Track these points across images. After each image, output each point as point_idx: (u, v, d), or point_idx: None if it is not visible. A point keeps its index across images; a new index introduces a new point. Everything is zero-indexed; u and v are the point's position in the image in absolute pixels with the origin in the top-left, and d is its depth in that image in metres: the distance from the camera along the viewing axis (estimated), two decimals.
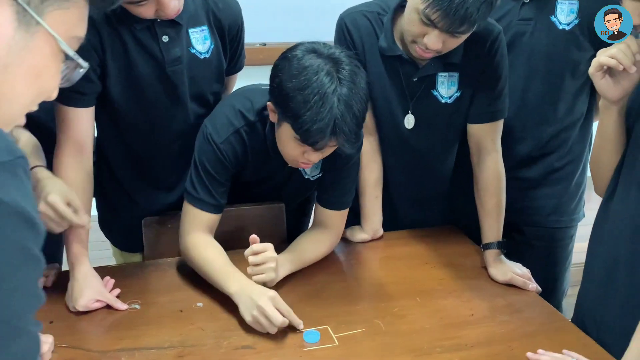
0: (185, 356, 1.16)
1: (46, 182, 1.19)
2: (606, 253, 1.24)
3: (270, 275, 1.29)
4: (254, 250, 1.28)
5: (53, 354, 1.14)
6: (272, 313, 1.19)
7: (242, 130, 1.37)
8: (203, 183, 1.37)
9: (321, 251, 1.48)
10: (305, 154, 1.26)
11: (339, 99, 1.18)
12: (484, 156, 1.53)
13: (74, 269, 1.30)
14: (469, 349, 1.20)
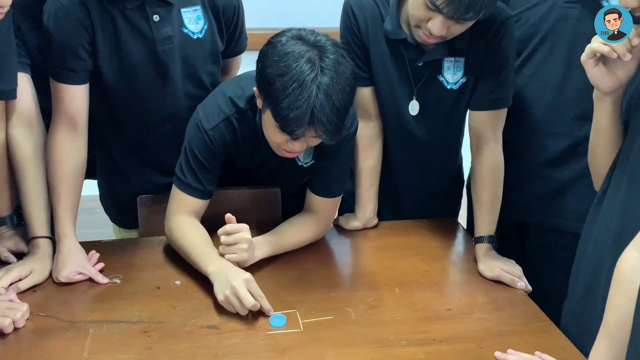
0: (149, 332, 1.18)
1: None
2: (592, 255, 1.16)
3: (242, 256, 1.29)
4: (226, 230, 1.28)
5: (27, 321, 1.19)
6: (244, 294, 1.19)
7: (233, 117, 1.37)
8: (191, 169, 1.39)
9: (304, 236, 1.46)
10: (288, 142, 1.25)
11: (319, 88, 1.16)
12: (483, 146, 1.47)
13: (60, 242, 1.35)
14: (435, 344, 1.16)
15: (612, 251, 1.08)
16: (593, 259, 1.16)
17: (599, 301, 1.11)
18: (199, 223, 1.41)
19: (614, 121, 1.14)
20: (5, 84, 1.27)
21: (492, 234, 1.44)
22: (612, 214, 1.11)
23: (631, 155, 1.09)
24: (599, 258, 1.13)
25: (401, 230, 1.61)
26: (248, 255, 1.30)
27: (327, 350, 1.13)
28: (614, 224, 1.10)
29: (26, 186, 1.34)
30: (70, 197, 1.37)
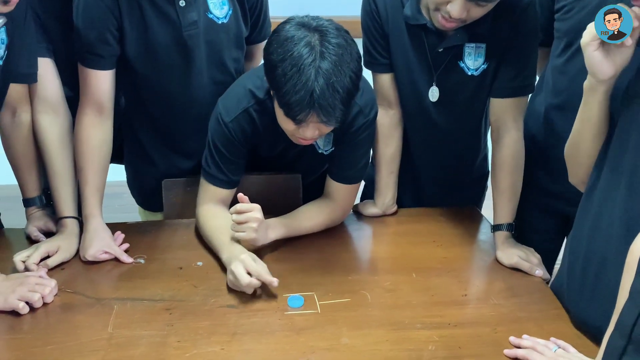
0: (171, 309, 1.22)
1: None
2: (592, 250, 1.14)
3: (251, 235, 1.31)
4: (237, 209, 1.31)
5: (55, 296, 1.24)
6: (239, 274, 1.22)
7: (251, 109, 1.39)
8: (214, 160, 1.42)
9: (320, 221, 1.48)
10: (299, 129, 1.27)
11: (318, 72, 1.17)
12: (503, 133, 1.46)
13: (87, 222, 1.39)
14: (450, 328, 1.17)
15: (619, 246, 1.07)
16: (593, 254, 1.14)
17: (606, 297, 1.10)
18: (223, 211, 1.44)
19: (603, 111, 1.11)
20: (25, 68, 1.31)
21: (510, 221, 1.44)
22: (612, 209, 1.09)
23: (629, 148, 1.07)
24: (603, 253, 1.11)
25: (420, 217, 1.61)
26: (258, 235, 1.32)
27: (342, 331, 1.15)
28: (616, 219, 1.08)
29: (53, 169, 1.39)
30: (97, 179, 1.41)
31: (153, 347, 1.11)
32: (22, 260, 1.30)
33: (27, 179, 1.44)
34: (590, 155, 1.17)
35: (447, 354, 1.10)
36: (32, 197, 1.46)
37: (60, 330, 1.15)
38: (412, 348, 1.11)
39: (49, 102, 1.39)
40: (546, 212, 1.55)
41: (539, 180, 1.52)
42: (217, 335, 1.14)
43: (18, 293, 1.18)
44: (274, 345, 1.12)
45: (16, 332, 1.14)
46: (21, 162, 1.42)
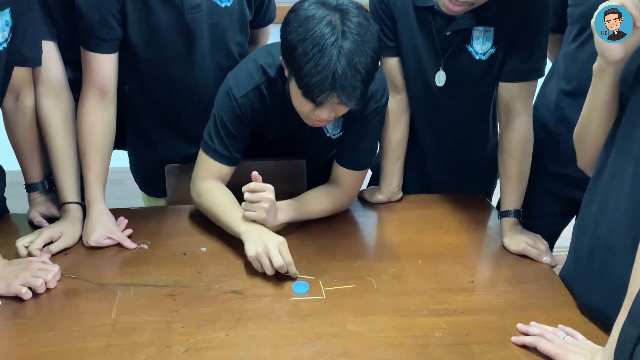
0: (175, 295, 1.21)
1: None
2: (597, 236, 1.12)
3: (261, 215, 1.29)
4: (250, 187, 1.29)
5: (58, 282, 1.23)
6: (275, 254, 1.21)
7: (262, 86, 1.37)
8: (219, 135, 1.40)
9: (327, 206, 1.46)
10: (315, 111, 1.25)
11: (340, 52, 1.15)
12: (513, 118, 1.43)
13: (90, 207, 1.38)
14: (457, 315, 1.16)
15: (625, 231, 1.05)
16: (599, 241, 1.12)
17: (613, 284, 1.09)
18: (225, 186, 1.43)
19: (612, 95, 1.09)
20: (29, 51, 1.29)
21: (518, 208, 1.43)
22: (621, 195, 1.07)
23: (637, 132, 1.05)
24: (610, 240, 1.09)
25: (426, 204, 1.60)
26: (268, 216, 1.30)
27: (348, 318, 1.14)
28: (623, 205, 1.06)
29: (56, 154, 1.38)
30: (100, 164, 1.40)
31: (157, 332, 1.10)
32: (25, 245, 1.29)
33: (30, 164, 1.43)
34: (598, 139, 1.15)
35: (453, 341, 1.09)
36: (35, 183, 1.44)
37: (63, 316, 1.14)
38: (419, 335, 1.10)
39: (52, 86, 1.37)
40: (555, 197, 1.54)
41: (549, 166, 1.50)
42: (222, 321, 1.13)
43: (21, 278, 1.17)
44: (279, 331, 1.11)
45: (19, 318, 1.14)
46: (24, 147, 1.41)
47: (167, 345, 1.06)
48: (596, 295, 1.13)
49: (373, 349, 1.07)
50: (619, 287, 1.04)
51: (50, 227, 1.34)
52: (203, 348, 1.06)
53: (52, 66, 1.36)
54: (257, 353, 1.05)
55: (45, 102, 1.36)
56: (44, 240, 1.30)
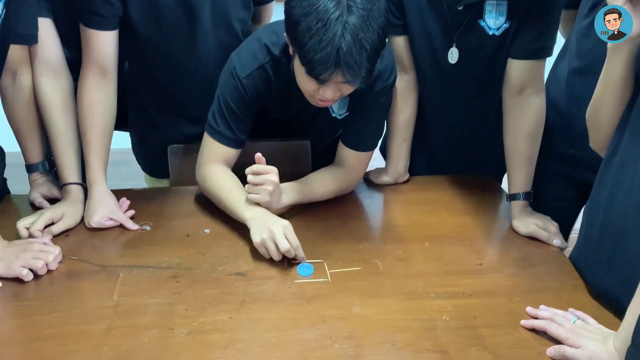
0: (178, 277, 1.19)
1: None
2: (609, 218, 1.09)
3: (264, 198, 1.26)
4: (254, 170, 1.26)
5: (60, 264, 1.21)
6: (281, 239, 1.19)
7: (267, 65, 1.34)
8: (223, 117, 1.37)
9: (332, 187, 1.44)
10: (319, 89, 1.21)
11: (345, 27, 1.11)
12: (526, 98, 1.38)
13: (91, 188, 1.36)
14: (465, 297, 1.14)
15: (637, 213, 1.03)
16: (611, 222, 1.09)
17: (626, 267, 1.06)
18: (230, 171, 1.40)
19: (627, 74, 1.06)
20: (25, 28, 1.26)
21: (527, 190, 1.39)
22: (634, 175, 1.04)
23: None
24: (622, 222, 1.06)
25: (432, 186, 1.57)
26: (272, 199, 1.28)
27: (353, 300, 1.12)
28: (637, 186, 1.03)
29: (56, 134, 1.35)
30: (101, 144, 1.37)
31: (160, 315, 1.08)
32: (26, 226, 1.27)
33: (30, 144, 1.41)
34: (611, 119, 1.12)
35: (461, 324, 1.07)
36: (35, 163, 1.42)
37: (65, 298, 1.12)
38: (426, 318, 1.08)
39: (50, 64, 1.34)
40: (565, 179, 1.50)
41: (559, 147, 1.47)
42: (226, 304, 1.11)
43: (22, 260, 1.16)
44: (283, 314, 1.09)
45: (20, 300, 1.12)
46: (23, 127, 1.38)
47: (170, 328, 1.04)
48: (608, 278, 1.10)
49: (379, 332, 1.05)
50: (631, 270, 1.01)
51: (52, 209, 1.32)
52: (206, 330, 1.04)
53: (49, 44, 1.32)
54: (261, 335, 1.03)
55: (43, 81, 1.33)
56: (45, 222, 1.28)
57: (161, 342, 1.01)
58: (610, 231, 1.09)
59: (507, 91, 1.42)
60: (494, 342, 1.02)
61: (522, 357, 0.99)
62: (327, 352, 0.99)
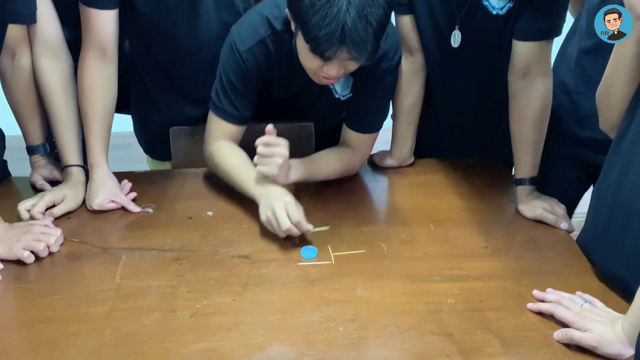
0: (181, 259, 1.18)
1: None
2: (619, 200, 1.07)
3: (273, 170, 1.24)
4: (264, 141, 1.24)
5: (61, 246, 1.20)
6: (281, 217, 1.18)
7: (268, 39, 1.31)
8: (226, 93, 1.35)
9: (337, 168, 1.41)
10: (323, 67, 1.19)
11: (350, 2, 1.08)
12: (534, 81, 1.34)
13: (93, 171, 1.35)
14: (471, 281, 1.12)
15: None
16: (620, 205, 1.07)
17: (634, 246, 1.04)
18: (237, 147, 1.38)
19: (639, 53, 1.03)
20: (24, 7, 1.24)
21: (534, 175, 1.37)
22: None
23: None
24: (631, 203, 1.04)
25: (437, 168, 1.55)
26: (280, 172, 1.25)
27: (357, 283, 1.11)
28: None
29: (56, 115, 1.34)
30: (102, 126, 1.35)
31: (162, 297, 1.07)
32: (27, 209, 1.26)
33: (30, 125, 1.39)
34: (622, 99, 1.09)
35: (467, 307, 1.05)
36: (36, 145, 1.41)
37: (67, 280, 1.12)
38: (431, 301, 1.07)
39: (49, 45, 1.32)
40: (572, 160, 1.48)
41: (567, 128, 1.44)
42: (229, 286, 1.10)
43: (23, 242, 1.15)
44: (287, 297, 1.08)
45: (22, 282, 1.11)
46: (23, 108, 1.37)
47: (172, 311, 1.03)
48: (616, 261, 1.08)
49: (383, 315, 1.03)
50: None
51: (53, 191, 1.31)
52: (209, 313, 1.03)
53: (48, 24, 1.30)
54: (265, 318, 1.02)
55: (42, 62, 1.31)
56: (46, 204, 1.27)
57: (163, 325, 1.00)
58: (620, 214, 1.07)
59: (511, 74, 1.38)
60: (500, 326, 1.01)
61: (529, 340, 0.98)
62: (331, 335, 0.98)
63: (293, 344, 0.97)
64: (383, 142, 1.57)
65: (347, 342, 0.97)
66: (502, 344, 0.97)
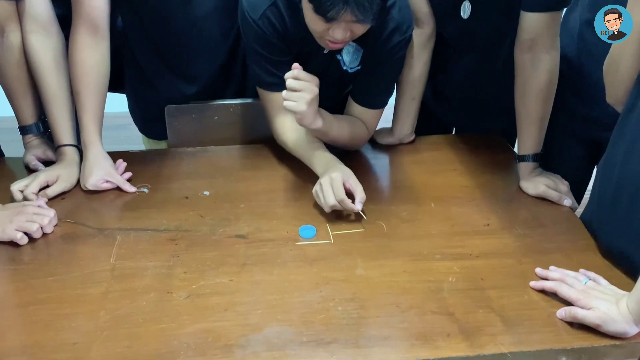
0: (177, 240, 1.16)
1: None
2: (625, 175, 1.04)
3: (301, 107, 1.19)
4: (294, 74, 1.18)
5: (55, 227, 1.18)
6: (326, 192, 1.18)
7: (279, 2, 1.26)
8: (260, 65, 1.32)
9: (347, 134, 1.37)
10: (329, 30, 1.15)
11: None
12: (537, 55, 1.29)
13: (87, 150, 1.32)
14: (472, 259, 1.10)
15: None
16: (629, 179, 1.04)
17: None
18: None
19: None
20: None
21: (538, 151, 1.34)
22: None
23: None
24: (638, 178, 1.01)
25: (439, 145, 1.52)
26: (309, 110, 1.20)
27: (357, 262, 1.09)
28: None
29: (48, 94, 1.31)
30: (95, 104, 1.32)
31: (158, 278, 1.05)
32: (20, 189, 1.24)
33: (22, 105, 1.36)
34: (630, 73, 1.06)
35: (468, 286, 1.04)
36: (29, 125, 1.38)
37: (61, 261, 1.10)
38: (432, 279, 1.05)
39: (39, 21, 1.29)
40: (577, 138, 1.45)
41: (570, 104, 1.40)
42: (226, 266, 1.08)
43: (16, 223, 1.12)
44: (285, 276, 1.06)
45: (16, 263, 1.09)
46: (14, 87, 1.34)
47: (168, 291, 1.02)
48: (621, 238, 1.06)
49: (383, 293, 1.02)
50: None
51: (46, 171, 1.29)
52: (205, 294, 1.01)
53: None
54: (263, 298, 1.00)
55: (32, 39, 1.28)
56: (40, 184, 1.25)
57: (159, 306, 0.98)
58: (626, 189, 1.04)
59: (518, 47, 1.34)
60: (502, 304, 0.99)
61: (531, 319, 0.96)
62: (330, 315, 0.97)
63: (291, 324, 0.95)
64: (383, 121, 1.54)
65: (346, 322, 0.95)
66: (504, 323, 0.95)
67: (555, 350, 0.91)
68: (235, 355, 0.89)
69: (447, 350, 0.90)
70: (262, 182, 1.36)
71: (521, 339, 0.92)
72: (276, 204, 1.27)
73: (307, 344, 0.91)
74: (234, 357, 0.89)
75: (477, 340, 0.92)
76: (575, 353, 0.90)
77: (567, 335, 0.93)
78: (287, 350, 0.90)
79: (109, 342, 0.91)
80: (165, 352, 0.89)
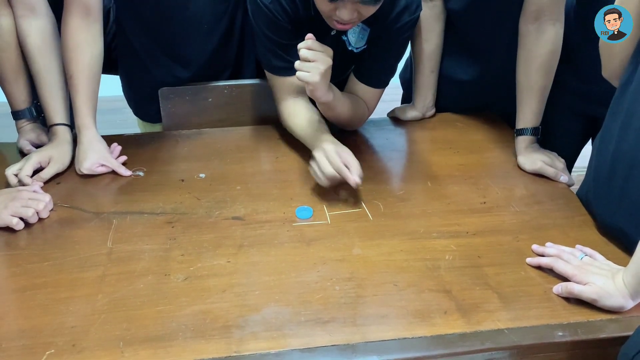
0: (173, 223, 1.15)
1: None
2: (621, 151, 1.04)
3: (314, 78, 1.15)
4: (308, 44, 1.15)
5: (51, 212, 1.18)
6: (321, 163, 1.17)
7: None
8: (269, 48, 1.31)
9: (349, 111, 1.35)
10: (336, 10, 1.14)
11: None
12: (542, 26, 1.28)
13: (81, 133, 1.31)
14: (469, 236, 1.10)
15: None
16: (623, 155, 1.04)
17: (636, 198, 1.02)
18: (305, 104, 1.35)
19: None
20: None
21: (537, 125, 1.33)
22: None
23: None
24: (634, 153, 1.01)
25: (434, 124, 1.52)
26: (321, 81, 1.16)
27: (354, 242, 1.09)
28: None
29: (40, 75, 1.29)
30: (89, 87, 1.31)
31: (155, 261, 1.05)
32: (14, 173, 1.23)
33: (15, 89, 1.35)
34: (626, 47, 1.05)
35: (465, 264, 1.04)
36: (22, 109, 1.37)
37: (57, 246, 1.09)
38: (428, 258, 1.05)
39: (30, 4, 1.27)
40: (573, 113, 1.44)
41: (566, 79, 1.39)
42: (223, 248, 1.08)
43: (11, 209, 1.12)
44: (282, 257, 1.06)
45: (12, 248, 1.09)
46: (6, 71, 1.32)
47: (166, 274, 1.02)
48: (617, 213, 1.06)
49: (381, 272, 1.02)
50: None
51: (38, 152, 1.28)
52: (203, 276, 1.01)
53: None
54: (260, 279, 1.01)
55: (23, 22, 1.26)
56: (33, 166, 1.24)
57: (157, 288, 0.98)
58: (622, 164, 1.04)
59: (523, 18, 1.32)
60: (499, 281, 1.00)
61: (528, 295, 0.97)
62: (328, 294, 0.97)
63: (289, 304, 0.95)
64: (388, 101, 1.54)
65: (343, 301, 0.96)
66: (501, 300, 0.95)
67: (551, 325, 0.91)
68: (233, 335, 0.89)
69: (444, 327, 0.91)
70: (258, 164, 1.35)
71: (518, 315, 0.93)
72: (272, 186, 1.26)
73: (305, 324, 0.91)
74: (232, 337, 0.89)
75: (474, 317, 0.92)
76: (572, 328, 0.91)
77: (563, 311, 0.94)
78: (285, 330, 0.90)
79: (106, 325, 0.91)
80: (164, 334, 0.90)
